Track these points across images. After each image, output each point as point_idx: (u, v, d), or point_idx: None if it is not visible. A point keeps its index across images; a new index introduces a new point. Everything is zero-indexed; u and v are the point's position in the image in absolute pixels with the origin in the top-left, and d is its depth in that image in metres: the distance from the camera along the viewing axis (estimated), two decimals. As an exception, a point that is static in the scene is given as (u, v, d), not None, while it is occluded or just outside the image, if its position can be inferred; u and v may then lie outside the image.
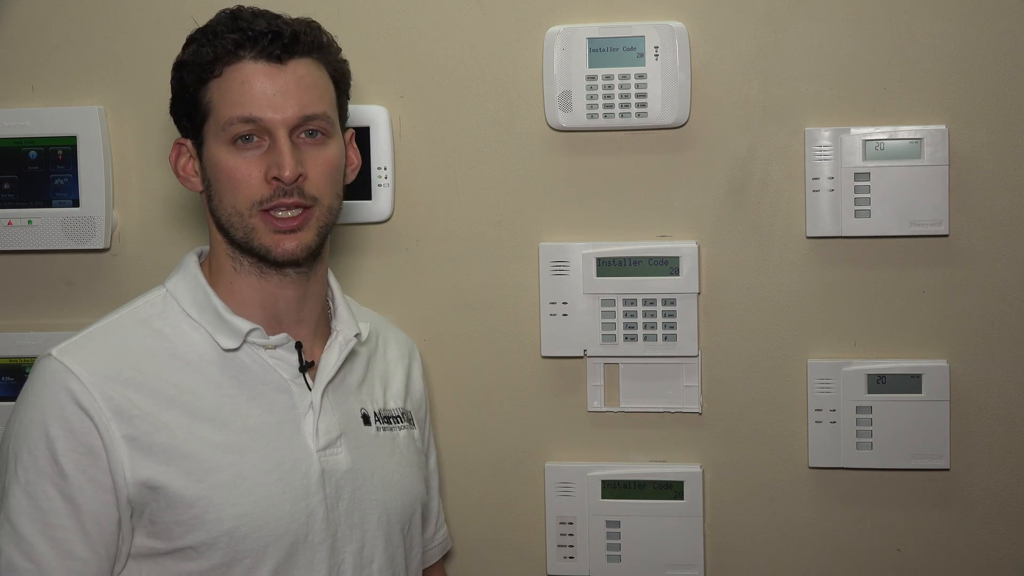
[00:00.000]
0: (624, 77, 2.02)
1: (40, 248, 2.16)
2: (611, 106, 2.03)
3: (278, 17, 1.54)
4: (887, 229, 1.99)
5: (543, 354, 2.09)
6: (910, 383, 2.00)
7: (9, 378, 2.19)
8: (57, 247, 2.15)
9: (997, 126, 1.98)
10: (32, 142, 2.14)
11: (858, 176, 1.99)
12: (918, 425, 2.00)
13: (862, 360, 2.02)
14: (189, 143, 1.56)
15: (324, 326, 1.64)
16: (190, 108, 1.53)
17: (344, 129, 1.62)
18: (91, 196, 2.13)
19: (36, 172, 2.14)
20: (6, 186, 2.15)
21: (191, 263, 1.59)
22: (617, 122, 2.03)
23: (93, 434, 1.43)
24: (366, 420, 1.62)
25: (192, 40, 1.55)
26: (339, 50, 1.59)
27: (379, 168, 2.09)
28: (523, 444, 2.13)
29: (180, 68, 1.54)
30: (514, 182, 2.10)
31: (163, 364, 1.50)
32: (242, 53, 1.49)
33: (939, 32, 1.99)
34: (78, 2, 2.15)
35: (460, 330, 2.13)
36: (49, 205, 2.14)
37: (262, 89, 1.49)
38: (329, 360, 1.59)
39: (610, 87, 2.02)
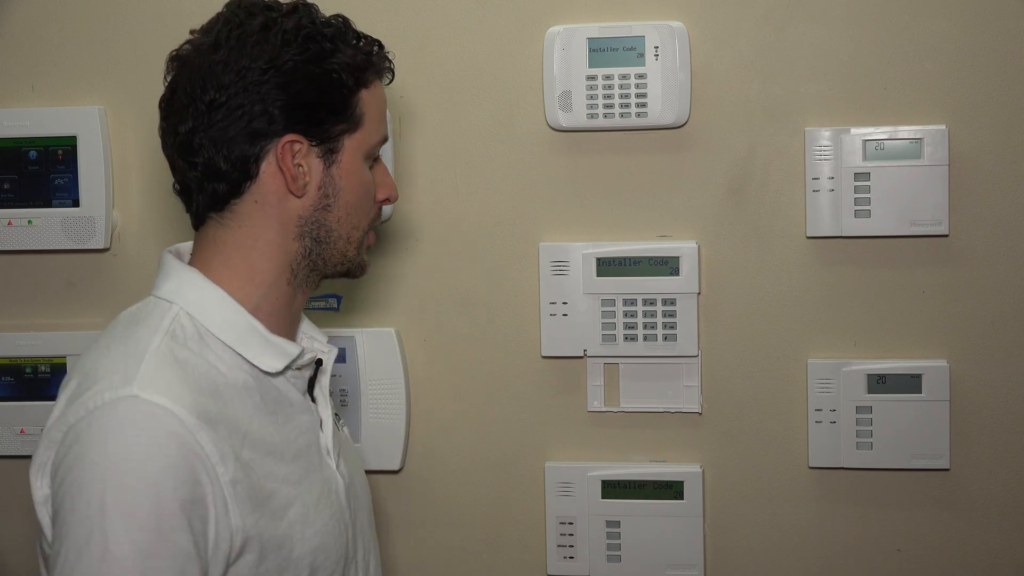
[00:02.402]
0: (624, 77, 2.02)
1: (40, 248, 2.16)
2: (611, 106, 2.03)
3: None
4: (887, 229, 1.99)
5: (543, 354, 2.09)
6: (910, 383, 2.00)
7: (9, 378, 2.19)
8: (57, 247, 2.15)
9: (997, 126, 1.98)
10: (32, 142, 2.14)
11: (858, 176, 1.99)
12: (918, 425, 2.00)
13: (862, 360, 2.02)
14: (306, 144, 1.40)
15: None
16: (337, 111, 1.41)
17: None
18: (91, 196, 2.13)
19: (36, 172, 2.14)
20: (6, 186, 2.15)
21: (196, 276, 1.41)
22: (617, 122, 2.03)
23: (206, 482, 1.28)
24: (337, 422, 1.55)
25: (321, 37, 1.41)
26: None
27: (379, 168, 2.09)
28: (523, 444, 2.13)
29: (337, 68, 1.41)
30: (514, 182, 2.10)
31: (227, 394, 1.35)
32: (377, 69, 1.47)
33: (939, 32, 1.99)
34: (78, 2, 2.16)
35: (460, 330, 2.13)
36: (49, 205, 2.14)
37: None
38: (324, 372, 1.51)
39: (610, 87, 2.02)
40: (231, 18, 1.41)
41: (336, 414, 1.56)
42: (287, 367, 1.41)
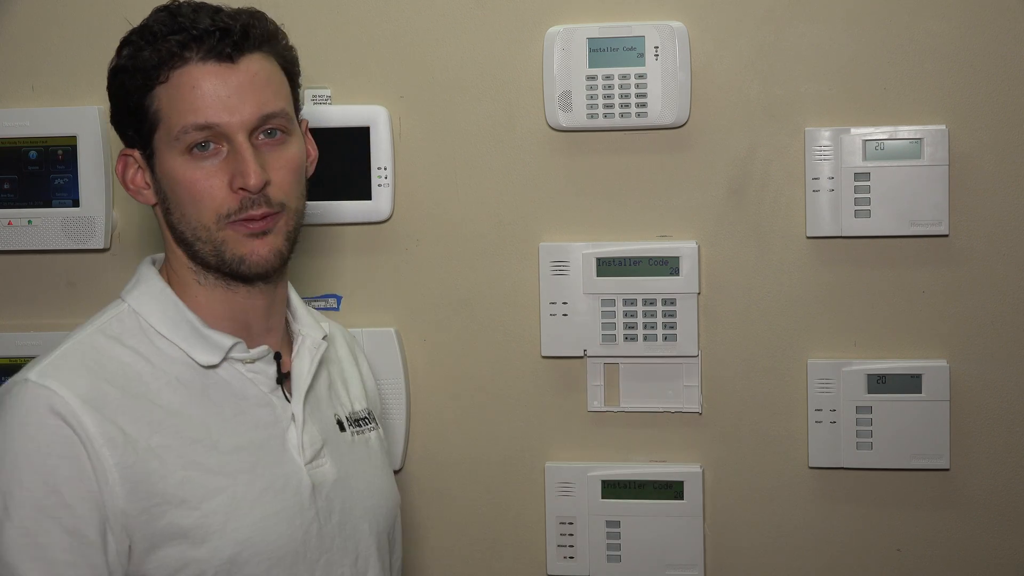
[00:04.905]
0: (624, 77, 2.02)
1: (40, 248, 2.16)
2: (611, 106, 2.03)
3: (220, 10, 1.42)
4: (887, 229, 1.99)
5: (543, 354, 2.09)
6: (910, 383, 2.00)
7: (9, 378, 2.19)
8: (57, 247, 2.15)
9: (997, 126, 1.98)
10: (32, 142, 2.14)
11: (858, 176, 1.99)
12: (918, 425, 2.00)
13: (862, 360, 2.02)
14: (137, 154, 1.45)
15: (285, 329, 1.55)
16: (136, 117, 1.43)
17: (299, 120, 1.51)
18: (91, 196, 2.13)
19: (36, 172, 2.14)
20: (6, 186, 2.15)
21: (151, 275, 1.49)
22: (617, 122, 2.03)
23: (86, 459, 1.33)
24: (341, 426, 1.55)
25: (128, 43, 1.44)
26: (286, 37, 1.49)
27: (379, 168, 2.09)
28: (523, 444, 2.13)
29: (119, 74, 1.43)
30: (514, 182, 2.10)
31: (146, 384, 1.40)
32: (188, 55, 1.39)
33: (939, 32, 1.99)
34: (78, 2, 2.15)
35: (460, 330, 2.13)
36: (49, 205, 2.14)
37: (214, 92, 1.39)
38: (302, 368, 1.51)
39: (610, 87, 2.02)
40: None
41: (343, 419, 1.56)
42: (224, 360, 1.44)
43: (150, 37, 1.42)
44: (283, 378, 1.49)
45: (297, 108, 1.51)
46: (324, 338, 1.55)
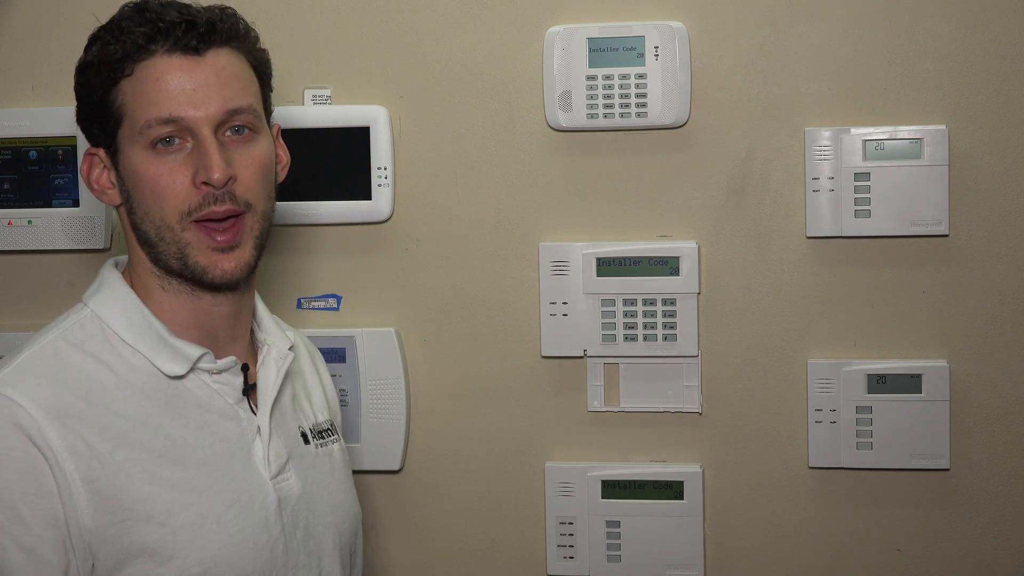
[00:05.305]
0: (624, 77, 2.02)
1: (40, 248, 2.16)
2: (611, 106, 2.03)
3: (188, 6, 1.40)
4: (887, 229, 1.99)
5: (543, 354, 2.09)
6: (910, 383, 2.00)
7: (9, 378, 2.19)
8: (57, 247, 2.15)
9: (997, 126, 1.98)
10: (32, 142, 2.14)
11: (858, 176, 1.99)
12: (918, 425, 2.00)
13: (862, 360, 2.02)
14: (102, 152, 1.42)
15: (250, 339, 1.51)
16: (100, 113, 1.40)
17: (270, 124, 1.48)
18: (91, 196, 2.11)
19: (36, 172, 2.14)
20: (6, 186, 2.15)
21: (115, 279, 1.43)
22: (617, 122, 2.03)
23: (48, 475, 1.28)
24: (305, 439, 1.51)
25: (96, 39, 1.41)
26: (257, 38, 1.46)
27: (379, 168, 2.09)
28: (523, 444, 2.13)
29: (85, 71, 1.41)
30: (514, 182, 2.10)
31: (110, 395, 1.35)
32: (154, 47, 1.36)
33: (939, 32, 1.99)
34: (78, 2, 2.15)
35: (460, 330, 2.13)
36: (49, 205, 2.14)
37: (179, 85, 1.35)
38: (268, 379, 1.47)
39: (610, 87, 2.02)
40: None
41: (307, 431, 1.53)
42: (191, 370, 1.40)
43: (117, 32, 1.38)
44: (249, 389, 1.45)
45: (268, 110, 1.47)
46: (290, 348, 1.51)
